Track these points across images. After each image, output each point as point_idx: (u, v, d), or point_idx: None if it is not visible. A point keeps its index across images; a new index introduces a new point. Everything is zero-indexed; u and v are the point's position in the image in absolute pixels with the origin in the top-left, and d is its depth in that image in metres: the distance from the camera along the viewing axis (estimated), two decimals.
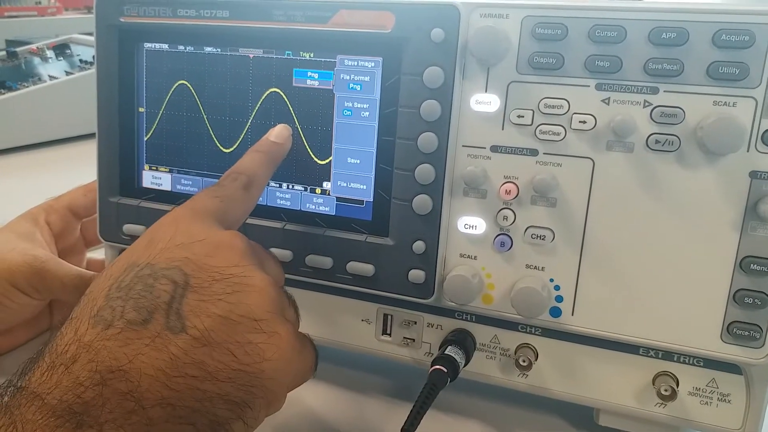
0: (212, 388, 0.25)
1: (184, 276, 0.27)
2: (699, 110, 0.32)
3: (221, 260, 0.28)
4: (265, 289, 0.28)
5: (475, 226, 0.37)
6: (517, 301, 0.35)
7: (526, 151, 0.35)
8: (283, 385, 0.28)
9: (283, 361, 0.27)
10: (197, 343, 0.25)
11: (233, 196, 0.33)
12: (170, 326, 0.25)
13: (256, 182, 0.34)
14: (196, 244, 0.28)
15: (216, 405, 0.25)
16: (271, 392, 0.27)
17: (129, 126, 0.44)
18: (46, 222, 0.46)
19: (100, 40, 0.43)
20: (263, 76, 0.40)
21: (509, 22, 0.34)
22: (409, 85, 0.36)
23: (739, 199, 0.32)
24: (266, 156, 0.36)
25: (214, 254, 0.28)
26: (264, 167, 0.35)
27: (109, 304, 0.26)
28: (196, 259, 0.28)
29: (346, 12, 0.37)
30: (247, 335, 0.26)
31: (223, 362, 0.25)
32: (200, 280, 0.27)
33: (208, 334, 0.25)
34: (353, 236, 0.39)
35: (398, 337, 0.41)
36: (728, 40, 0.31)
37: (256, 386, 0.26)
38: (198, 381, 0.25)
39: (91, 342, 0.24)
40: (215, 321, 0.26)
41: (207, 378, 0.25)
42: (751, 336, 0.33)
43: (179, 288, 0.26)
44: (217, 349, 0.25)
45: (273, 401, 0.28)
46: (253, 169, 0.34)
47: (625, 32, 0.33)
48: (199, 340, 0.25)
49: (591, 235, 0.35)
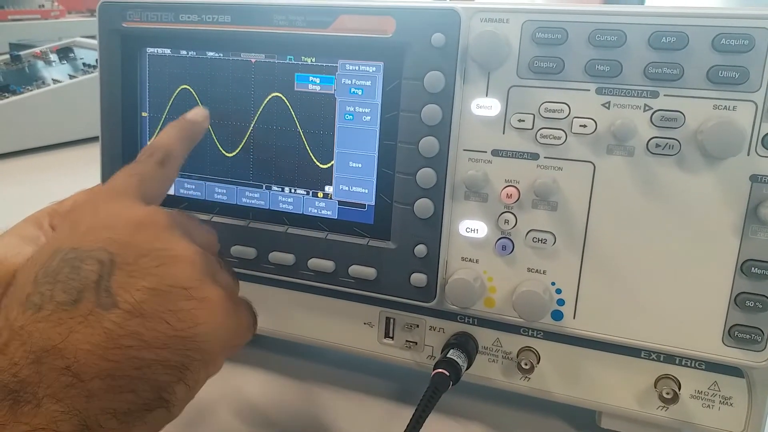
0: (150, 356, 0.25)
1: (109, 255, 0.27)
2: (699, 114, 0.32)
3: (145, 236, 0.29)
4: (191, 258, 0.29)
5: (476, 230, 0.37)
6: (519, 304, 0.35)
7: (527, 155, 0.35)
8: (218, 347, 0.28)
9: (216, 325, 0.28)
10: (130, 316, 0.26)
11: (150, 172, 0.33)
12: (101, 303, 0.26)
13: (172, 157, 0.34)
14: (119, 223, 0.29)
15: (155, 371, 0.25)
16: (207, 354, 0.27)
17: (132, 130, 0.44)
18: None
19: (103, 45, 0.43)
20: (265, 80, 0.40)
21: (510, 27, 0.34)
22: (410, 89, 0.36)
23: (740, 202, 0.32)
24: (184, 132, 0.36)
25: (137, 231, 0.29)
26: (180, 142, 0.35)
27: (38, 289, 0.26)
28: (120, 238, 0.28)
29: (347, 17, 0.37)
30: (178, 303, 0.27)
31: (158, 330, 0.26)
32: (126, 257, 0.27)
33: (140, 306, 0.26)
34: (355, 240, 0.39)
35: (401, 340, 0.41)
36: (728, 44, 0.31)
37: (192, 349, 0.27)
38: (134, 350, 0.25)
39: (23, 326, 0.25)
40: (145, 293, 0.26)
41: (143, 347, 0.25)
42: (753, 339, 0.33)
43: (106, 267, 0.27)
44: (151, 319, 0.26)
45: (210, 362, 0.28)
46: (169, 144, 0.35)
47: (625, 36, 0.33)
48: (131, 313, 0.26)
49: (592, 238, 0.35)
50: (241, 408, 0.42)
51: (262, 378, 0.45)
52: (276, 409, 0.42)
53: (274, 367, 0.46)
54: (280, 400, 0.43)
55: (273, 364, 0.46)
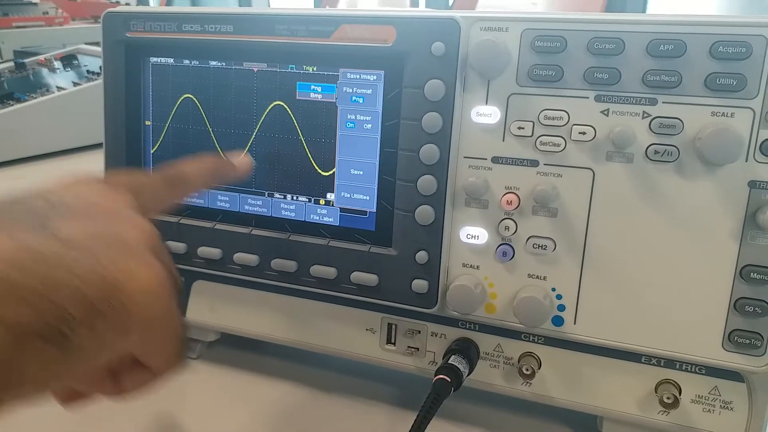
0: (64, 277, 0.22)
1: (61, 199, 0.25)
2: (697, 121, 0.33)
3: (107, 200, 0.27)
4: (147, 227, 0.27)
5: (477, 236, 0.37)
6: (520, 310, 0.36)
7: (527, 162, 0.36)
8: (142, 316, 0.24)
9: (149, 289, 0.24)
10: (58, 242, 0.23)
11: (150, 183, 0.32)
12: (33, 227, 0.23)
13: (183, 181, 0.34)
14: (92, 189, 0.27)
15: (63, 295, 0.22)
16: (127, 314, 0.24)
17: (136, 139, 0.44)
18: None
19: (107, 55, 0.44)
20: (267, 89, 0.41)
21: (509, 36, 0.35)
22: (411, 97, 0.36)
23: (739, 208, 0.33)
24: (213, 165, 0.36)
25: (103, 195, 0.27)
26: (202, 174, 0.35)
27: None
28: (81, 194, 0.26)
29: (348, 26, 0.37)
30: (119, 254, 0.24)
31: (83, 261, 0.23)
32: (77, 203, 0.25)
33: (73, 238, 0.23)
34: (357, 247, 0.39)
35: (402, 346, 0.41)
36: (725, 52, 0.32)
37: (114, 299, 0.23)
38: (49, 268, 0.22)
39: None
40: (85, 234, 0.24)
41: (61, 269, 0.22)
42: (753, 344, 0.33)
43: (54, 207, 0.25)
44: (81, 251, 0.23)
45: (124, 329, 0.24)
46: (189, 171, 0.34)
47: (623, 44, 0.33)
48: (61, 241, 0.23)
49: (592, 244, 0.35)
50: (243, 414, 0.42)
51: (265, 384, 0.45)
52: (278, 414, 0.42)
53: (275, 373, 0.46)
54: (283, 405, 0.43)
55: (275, 370, 0.46)
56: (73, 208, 0.25)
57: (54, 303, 0.22)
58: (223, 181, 0.38)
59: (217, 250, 0.42)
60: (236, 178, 0.39)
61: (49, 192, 0.26)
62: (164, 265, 0.26)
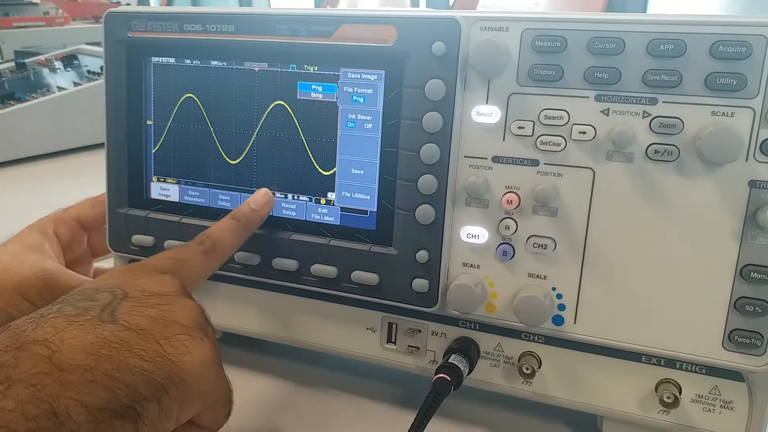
0: (134, 363, 0.26)
1: (122, 291, 0.30)
2: (697, 120, 0.33)
3: (160, 287, 0.31)
4: (196, 308, 0.31)
5: (477, 236, 0.37)
6: (520, 309, 0.36)
7: (527, 162, 0.36)
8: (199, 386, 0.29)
9: (204, 363, 0.29)
10: (126, 330, 0.27)
11: (191, 259, 0.36)
12: (102, 318, 0.27)
13: (220, 249, 0.37)
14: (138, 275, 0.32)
15: (136, 379, 0.26)
16: (187, 387, 0.28)
17: (137, 138, 0.44)
18: (54, 233, 0.47)
19: (108, 55, 0.44)
20: (268, 89, 0.41)
21: (509, 35, 0.35)
22: (412, 97, 0.36)
23: (739, 208, 0.33)
24: (240, 224, 0.39)
25: (155, 283, 0.31)
26: (235, 235, 0.38)
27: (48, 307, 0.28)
28: (137, 283, 0.31)
29: (349, 26, 0.37)
30: (174, 335, 0.29)
31: (149, 347, 0.27)
32: (137, 294, 0.30)
33: (138, 325, 0.28)
34: (357, 246, 0.39)
35: (403, 345, 0.41)
36: (725, 52, 0.32)
37: (176, 376, 0.27)
38: (121, 354, 0.26)
39: (19, 325, 0.26)
40: (146, 319, 0.28)
41: (130, 354, 0.26)
42: (753, 343, 0.33)
43: (117, 298, 0.29)
44: (145, 338, 0.27)
45: (186, 400, 0.28)
46: (222, 237, 0.38)
47: (623, 44, 0.33)
48: (128, 329, 0.27)
49: (592, 243, 0.35)
50: (244, 412, 0.42)
51: (265, 382, 0.45)
52: (279, 413, 0.42)
53: (276, 371, 0.46)
54: (283, 404, 0.43)
55: (275, 369, 0.47)
56: (134, 298, 0.30)
57: (127, 385, 0.26)
58: (251, 229, 0.40)
59: None
60: (262, 219, 0.41)
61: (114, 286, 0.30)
62: (211, 339, 0.31)
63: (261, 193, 0.41)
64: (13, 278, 0.41)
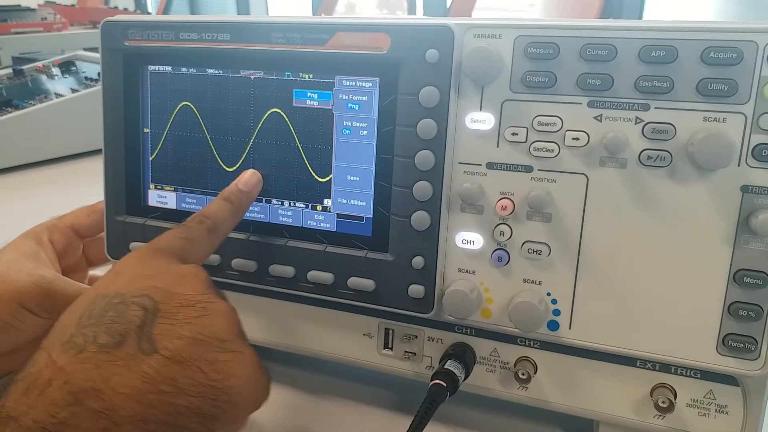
0: (184, 403, 0.26)
1: (153, 302, 0.29)
2: (689, 126, 0.33)
3: (188, 288, 0.30)
4: (230, 314, 0.30)
5: (472, 242, 0.37)
6: (515, 315, 0.36)
7: (521, 168, 0.36)
8: (246, 402, 0.29)
9: (248, 379, 0.29)
10: (169, 362, 0.27)
11: (198, 238, 0.35)
12: (142, 348, 0.27)
13: (220, 227, 0.37)
14: (164, 274, 0.31)
15: (187, 419, 0.26)
16: (236, 408, 0.28)
17: (135, 146, 0.45)
18: (49, 241, 0.46)
19: (105, 63, 0.44)
20: (264, 96, 0.41)
21: (502, 42, 0.35)
22: (406, 104, 0.37)
23: (731, 213, 0.33)
24: (234, 207, 0.39)
25: (180, 283, 0.30)
26: (230, 215, 0.38)
27: (81, 331, 0.27)
28: (164, 287, 0.30)
29: (344, 34, 0.38)
30: (215, 354, 0.28)
31: (194, 378, 0.27)
32: (169, 306, 0.29)
33: (178, 353, 0.27)
34: (354, 252, 0.40)
35: (399, 351, 0.41)
36: (717, 58, 0.32)
37: (224, 401, 0.27)
38: (170, 396, 0.26)
39: (65, 365, 0.26)
40: (185, 342, 0.28)
41: (178, 393, 0.26)
42: (747, 348, 0.33)
43: (149, 313, 0.28)
44: (188, 367, 0.27)
45: (237, 419, 0.29)
46: (220, 216, 0.37)
47: (615, 51, 0.33)
48: (170, 359, 0.27)
49: (586, 249, 0.35)
50: None
51: None
52: (275, 418, 0.43)
53: (273, 377, 0.46)
54: (280, 410, 0.43)
55: (272, 375, 0.46)
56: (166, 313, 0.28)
57: (180, 428, 0.26)
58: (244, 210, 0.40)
59: (215, 256, 0.42)
60: (252, 200, 0.40)
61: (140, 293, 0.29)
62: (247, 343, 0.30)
63: (249, 173, 0.40)
64: (10, 287, 0.41)
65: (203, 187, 0.44)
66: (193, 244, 0.35)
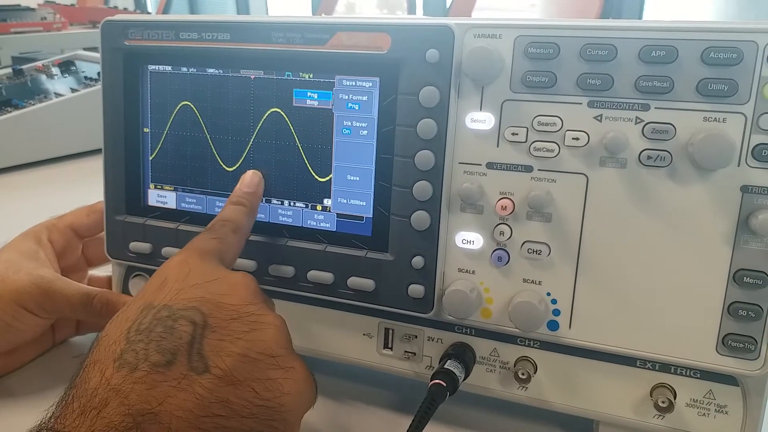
0: (237, 425, 0.26)
1: (202, 316, 0.28)
2: (689, 126, 0.33)
3: (236, 299, 0.30)
4: (280, 327, 0.30)
5: (472, 242, 0.37)
6: (515, 315, 0.36)
7: (521, 168, 0.36)
8: (298, 417, 0.29)
9: (299, 394, 0.29)
10: (221, 383, 0.26)
11: (228, 238, 0.35)
12: (194, 367, 0.26)
13: (242, 228, 0.37)
14: (211, 283, 0.30)
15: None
16: (289, 424, 0.28)
17: (134, 146, 0.45)
18: (48, 240, 0.46)
19: (105, 63, 0.44)
20: (264, 96, 0.41)
21: (502, 42, 0.35)
22: (406, 104, 0.37)
23: (731, 213, 0.33)
24: (244, 206, 0.39)
25: (229, 293, 0.30)
26: (245, 215, 0.38)
27: (132, 347, 0.27)
28: (212, 298, 0.29)
29: (344, 34, 0.38)
30: (266, 372, 0.28)
31: (246, 399, 0.27)
32: (218, 320, 0.28)
33: (230, 372, 0.27)
34: (353, 252, 0.40)
35: (399, 351, 0.41)
36: (717, 58, 0.32)
37: (277, 420, 0.27)
38: (224, 419, 0.26)
39: (119, 386, 0.25)
40: (236, 359, 0.27)
41: (232, 416, 0.26)
42: (746, 348, 0.33)
43: (198, 328, 0.28)
44: (240, 387, 0.27)
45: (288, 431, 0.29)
46: (236, 217, 0.37)
47: (615, 51, 0.33)
48: (222, 380, 0.27)
49: (586, 249, 0.35)
50: None
51: None
52: None
53: None
54: None
55: None
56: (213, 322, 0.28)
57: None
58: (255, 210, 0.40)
59: None
60: (260, 198, 0.40)
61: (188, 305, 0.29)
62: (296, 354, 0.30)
63: (249, 174, 0.40)
64: (10, 287, 0.41)
65: (203, 186, 0.44)
66: (225, 244, 0.35)
